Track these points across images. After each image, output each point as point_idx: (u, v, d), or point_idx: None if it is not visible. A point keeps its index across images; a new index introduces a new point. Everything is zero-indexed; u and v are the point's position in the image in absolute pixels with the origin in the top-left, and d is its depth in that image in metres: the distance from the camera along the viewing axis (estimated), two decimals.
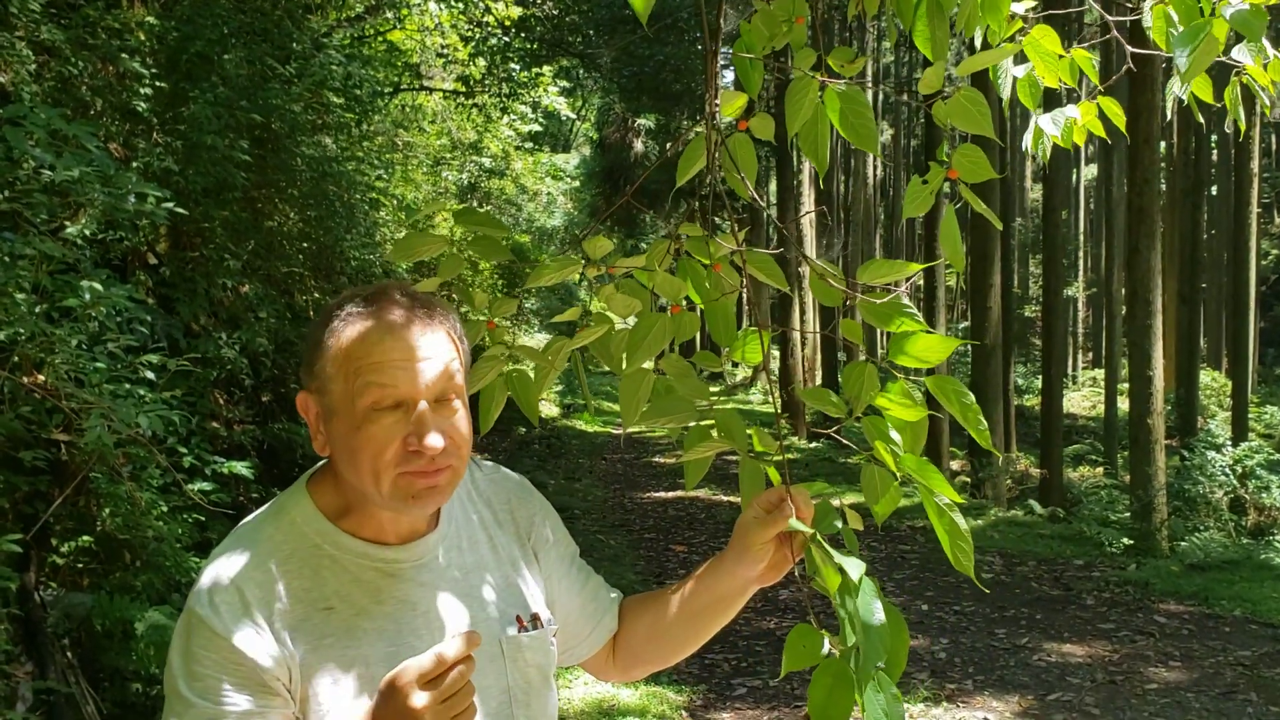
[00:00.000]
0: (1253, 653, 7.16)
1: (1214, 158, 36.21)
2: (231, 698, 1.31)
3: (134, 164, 5.81)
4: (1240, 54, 1.34)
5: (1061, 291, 21.01)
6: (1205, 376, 29.03)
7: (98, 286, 3.80)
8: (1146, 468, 12.21)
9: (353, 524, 1.43)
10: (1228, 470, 15.57)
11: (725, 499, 14.05)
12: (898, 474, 1.43)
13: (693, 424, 1.49)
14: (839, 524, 1.45)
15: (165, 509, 5.08)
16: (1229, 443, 17.21)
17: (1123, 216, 30.16)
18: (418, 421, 1.35)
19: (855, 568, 1.28)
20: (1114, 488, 17.89)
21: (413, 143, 15.19)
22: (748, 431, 1.53)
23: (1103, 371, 32.75)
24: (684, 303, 1.55)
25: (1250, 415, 24.47)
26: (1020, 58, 1.52)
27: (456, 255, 1.51)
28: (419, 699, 1.23)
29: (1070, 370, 41.44)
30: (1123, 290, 28.04)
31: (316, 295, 9.31)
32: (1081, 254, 49.28)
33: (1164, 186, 22.13)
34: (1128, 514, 13.11)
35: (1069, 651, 7.32)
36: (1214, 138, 33.14)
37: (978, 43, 1.51)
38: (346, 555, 1.42)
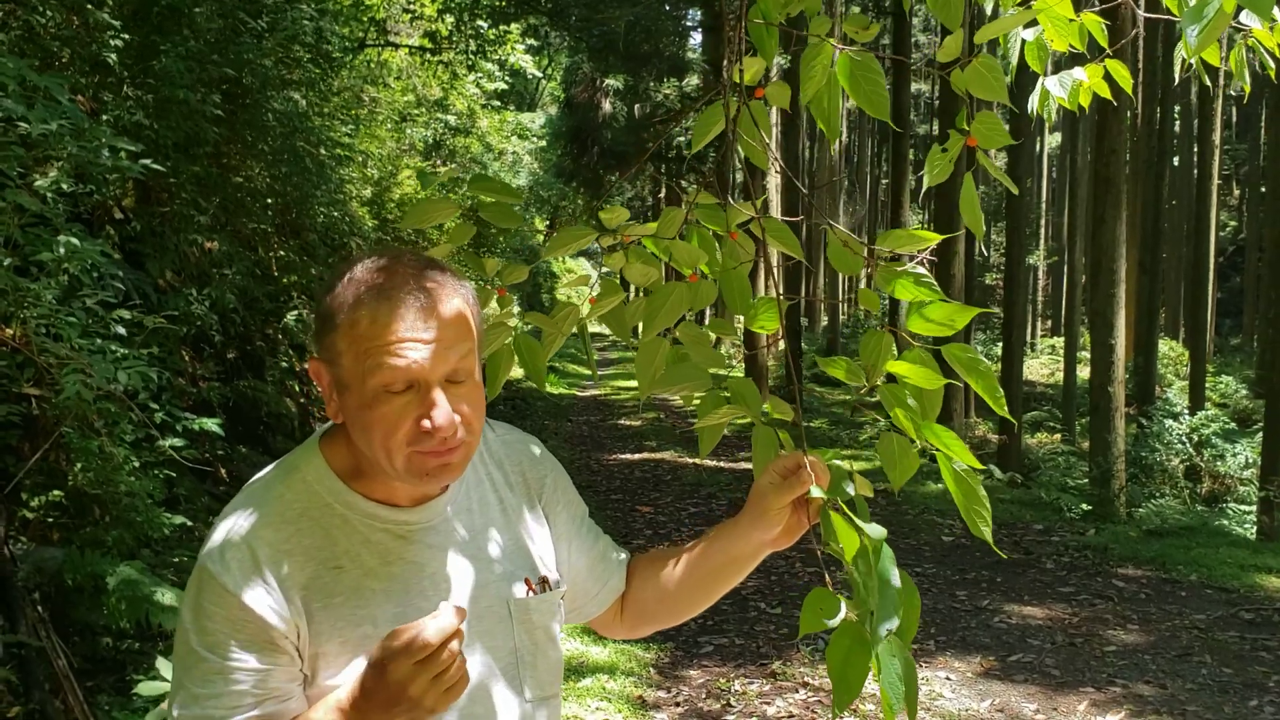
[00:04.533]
0: (1207, 616, 7.32)
1: (1176, 129, 36.48)
2: (239, 654, 1.33)
3: (104, 117, 5.73)
4: (1248, 17, 1.36)
5: (1023, 260, 21.18)
6: (1163, 346, 29.40)
7: (74, 241, 3.76)
8: (1106, 435, 12.39)
9: (364, 485, 1.44)
10: (1184, 438, 15.83)
11: (690, 461, 14.14)
12: (917, 441, 1.46)
13: (707, 391, 1.51)
14: (850, 490, 1.48)
15: (137, 464, 5.06)
16: (1186, 411, 17.49)
17: (1085, 186, 30.40)
18: (430, 403, 1.33)
19: (876, 532, 1.31)
20: (1071, 454, 18.14)
21: (378, 99, 15.05)
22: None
23: (1061, 340, 33.10)
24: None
25: (1206, 385, 24.84)
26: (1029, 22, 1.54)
27: (467, 223, 1.51)
28: (409, 678, 1.24)
29: (1029, 338, 41.86)
30: (1084, 259, 28.30)
31: (283, 253, 9.25)
32: (1043, 223, 49.64)
33: (1128, 156, 22.31)
34: (1085, 480, 13.33)
35: (1029, 614, 7.46)
36: (1176, 109, 33.38)
37: (987, 11, 1.53)
38: (357, 515, 1.43)
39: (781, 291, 1.46)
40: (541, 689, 1.54)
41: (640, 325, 1.55)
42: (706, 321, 1.79)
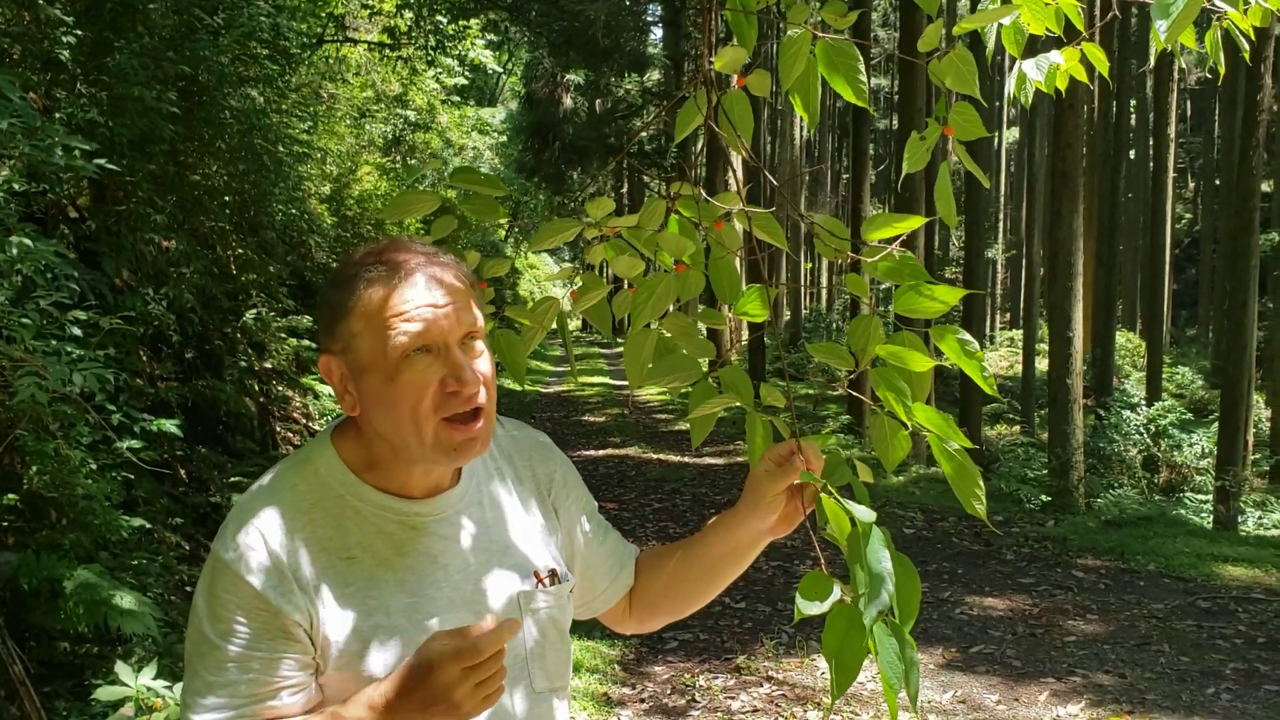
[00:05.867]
0: (1165, 605, 7.41)
1: (1132, 123, 36.90)
2: (252, 642, 1.36)
3: (57, 115, 5.64)
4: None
5: (982, 253, 21.35)
6: (1120, 338, 29.77)
7: (27, 241, 3.69)
8: (1064, 426, 12.51)
9: (376, 477, 1.46)
10: (1142, 429, 16.00)
11: (654, 457, 14.15)
12: (908, 424, 1.47)
13: (697, 382, 1.51)
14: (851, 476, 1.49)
15: (94, 466, 4.99)
16: (1143, 402, 17.69)
17: (1043, 179, 30.69)
18: (451, 362, 1.37)
19: (866, 515, 1.32)
20: (1030, 446, 18.34)
21: (337, 95, 14.93)
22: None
23: (1020, 332, 33.41)
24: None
25: (1163, 375, 25.16)
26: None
27: (450, 215, 1.51)
28: (456, 682, 1.28)
29: (988, 330, 42.23)
30: (1041, 252, 28.56)
31: (241, 251, 9.16)
32: (1001, 216, 50.08)
33: (1084, 150, 22.54)
34: (1045, 471, 13.47)
35: (990, 605, 7.52)
36: (1132, 103, 33.77)
37: (960, 5, 1.54)
38: (369, 507, 1.44)
39: (768, 279, 1.46)
40: (550, 680, 1.56)
41: (624, 318, 1.56)
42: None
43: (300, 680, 1.39)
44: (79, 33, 5.86)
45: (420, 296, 1.37)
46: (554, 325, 1.70)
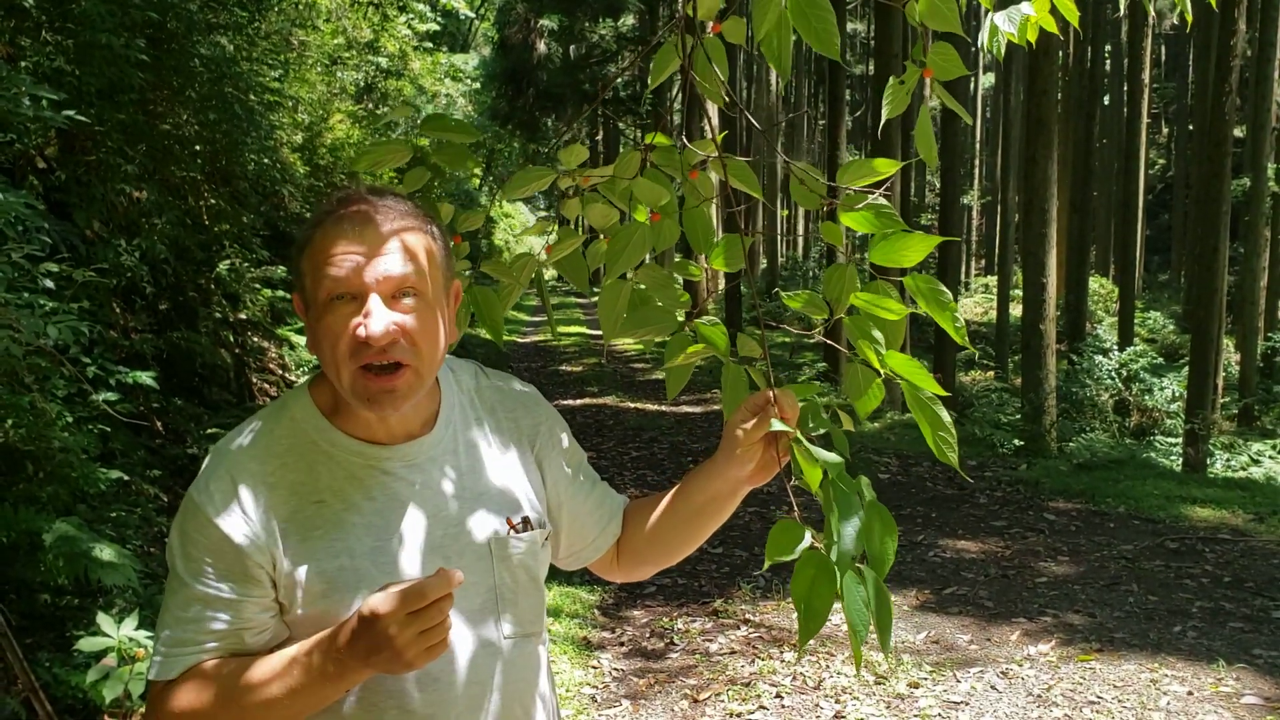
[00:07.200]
0: (1134, 547, 7.53)
1: (1107, 68, 36.84)
2: (216, 583, 1.41)
3: (22, 64, 5.56)
4: None
5: (958, 200, 21.38)
6: (1093, 283, 29.92)
7: None
8: (1038, 371, 12.61)
9: (347, 423, 1.49)
10: (1113, 374, 16.13)
11: (632, 406, 14.20)
12: (881, 372, 1.48)
13: (672, 333, 1.52)
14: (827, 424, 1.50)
15: (70, 419, 4.98)
16: (1115, 347, 17.82)
17: (1019, 126, 30.66)
18: (364, 311, 1.38)
19: (832, 460, 1.33)
20: (1004, 391, 18.47)
21: (307, 42, 14.72)
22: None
23: (994, 278, 33.54)
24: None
25: (1135, 320, 25.35)
26: None
27: (423, 167, 1.51)
28: (399, 627, 1.29)
29: (963, 277, 42.36)
30: (1017, 198, 28.61)
31: (213, 201, 9.07)
32: (977, 163, 50.06)
33: (1059, 96, 22.49)
34: (1018, 416, 13.60)
35: (963, 548, 7.62)
36: (1107, 48, 33.68)
37: None
38: (341, 452, 1.48)
39: (744, 229, 1.47)
40: (521, 626, 1.58)
41: (599, 270, 1.56)
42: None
43: (260, 622, 1.44)
44: None
45: (351, 244, 1.39)
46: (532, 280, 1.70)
